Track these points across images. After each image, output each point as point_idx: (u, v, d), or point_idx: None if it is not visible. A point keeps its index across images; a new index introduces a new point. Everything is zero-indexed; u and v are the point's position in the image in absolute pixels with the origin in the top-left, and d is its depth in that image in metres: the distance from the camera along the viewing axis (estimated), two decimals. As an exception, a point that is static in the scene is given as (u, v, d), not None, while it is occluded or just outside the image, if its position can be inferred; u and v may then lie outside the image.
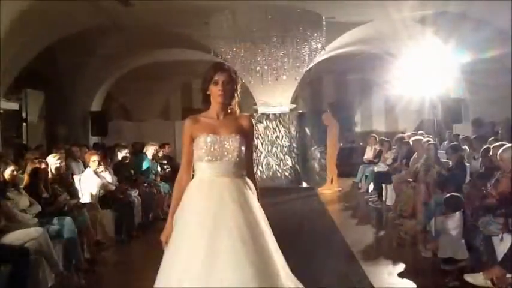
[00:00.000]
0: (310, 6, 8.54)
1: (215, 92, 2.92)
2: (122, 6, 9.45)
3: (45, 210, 5.26)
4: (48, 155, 8.09)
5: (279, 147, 12.59)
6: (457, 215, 5.03)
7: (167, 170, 10.52)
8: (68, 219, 5.22)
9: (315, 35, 8.10)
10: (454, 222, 4.97)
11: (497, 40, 10.70)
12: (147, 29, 11.27)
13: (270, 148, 12.55)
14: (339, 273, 5.27)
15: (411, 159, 8.55)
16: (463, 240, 4.96)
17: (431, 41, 11.66)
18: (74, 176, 7.43)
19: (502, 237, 4.70)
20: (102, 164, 7.52)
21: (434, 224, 5.98)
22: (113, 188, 7.42)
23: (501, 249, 4.71)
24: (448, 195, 5.33)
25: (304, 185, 12.53)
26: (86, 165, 7.68)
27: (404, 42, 11.95)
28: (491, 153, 5.78)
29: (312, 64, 9.44)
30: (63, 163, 6.29)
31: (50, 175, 5.96)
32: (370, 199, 10.10)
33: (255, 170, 3.24)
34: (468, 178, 6.84)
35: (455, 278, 4.88)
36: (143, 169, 9.23)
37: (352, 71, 17.02)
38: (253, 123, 3.15)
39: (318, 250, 4.62)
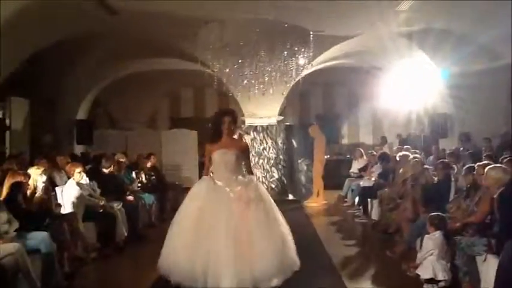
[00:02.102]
0: (298, 20, 8.56)
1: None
2: (108, 15, 9.39)
3: (23, 223, 5.13)
4: (31, 163, 8.03)
5: (265, 159, 12.56)
6: (437, 234, 5.02)
7: (153, 180, 10.45)
8: (45, 234, 5.11)
9: (302, 50, 8.10)
10: (434, 242, 4.96)
11: (482, 55, 10.83)
12: (134, 38, 11.22)
13: (256, 160, 12.51)
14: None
15: (396, 175, 8.56)
16: (443, 261, 4.93)
17: (417, 56, 11.77)
18: (56, 188, 7.32)
19: (485, 258, 4.70)
20: (85, 175, 7.43)
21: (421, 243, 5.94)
22: (96, 201, 7.30)
23: (484, 270, 4.71)
24: (432, 214, 5.32)
25: (291, 197, 12.50)
26: (69, 176, 7.55)
27: (391, 56, 12.04)
28: (475, 172, 5.78)
29: (299, 78, 9.43)
30: (45, 178, 6.15)
31: (32, 188, 5.83)
32: (355, 213, 10.10)
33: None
34: (452, 195, 6.84)
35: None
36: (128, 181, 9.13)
37: (340, 84, 17.12)
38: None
39: (301, 264, 4.59)
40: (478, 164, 5.84)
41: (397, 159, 8.83)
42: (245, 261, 4.15)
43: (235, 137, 5.05)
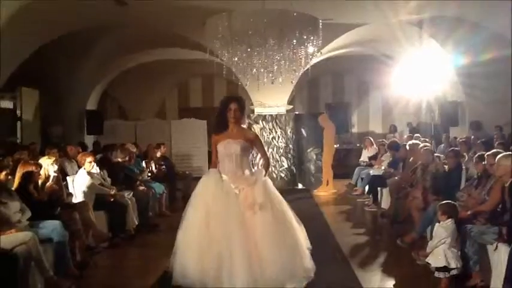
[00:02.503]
0: (308, 8, 8.50)
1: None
2: (118, 5, 9.40)
3: (35, 212, 5.18)
4: (42, 153, 8.11)
5: (275, 148, 12.55)
6: (449, 222, 4.99)
7: (163, 169, 10.50)
8: (58, 223, 5.16)
9: (312, 38, 8.04)
10: (446, 230, 4.93)
11: (493, 43, 10.72)
12: (143, 29, 11.23)
13: (266, 149, 12.47)
14: (332, 278, 5.23)
15: (406, 164, 8.52)
16: (455, 249, 4.91)
17: (428, 44, 11.66)
18: (67, 177, 7.38)
19: (496, 247, 4.67)
20: (96, 165, 7.48)
21: (432, 232, 5.92)
22: (107, 190, 7.35)
23: (495, 259, 4.69)
24: (442, 202, 5.29)
25: (300, 186, 12.49)
26: (79, 165, 7.61)
27: (402, 45, 11.93)
28: (485, 161, 5.73)
29: (308, 66, 9.38)
30: (57, 167, 6.21)
31: (43, 177, 5.90)
32: (365, 202, 10.08)
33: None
34: (463, 183, 6.80)
35: (448, 286, 4.87)
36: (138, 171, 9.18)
37: (350, 73, 17.04)
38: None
39: (310, 253, 4.61)
40: (489, 152, 5.78)
41: (407, 147, 8.76)
42: (255, 268, 3.92)
43: (244, 126, 4.60)
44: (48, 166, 5.97)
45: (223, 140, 4.40)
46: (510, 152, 5.34)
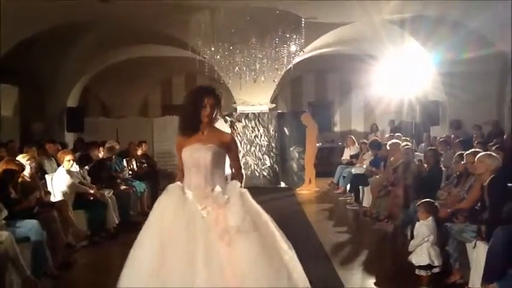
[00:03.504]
0: (291, 7, 8.50)
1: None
2: (100, 2, 9.28)
3: (12, 211, 5.09)
4: (20, 151, 7.97)
5: (257, 147, 12.53)
6: (430, 220, 5.04)
7: (144, 167, 10.41)
8: (35, 222, 5.07)
9: (294, 37, 8.05)
10: (428, 228, 4.97)
11: (474, 43, 10.85)
12: (125, 26, 11.10)
13: (248, 147, 12.48)
14: (313, 276, 5.22)
15: (388, 163, 8.58)
16: (437, 247, 4.96)
17: (409, 44, 11.75)
18: (46, 175, 7.28)
19: (475, 244, 4.73)
20: (76, 163, 7.39)
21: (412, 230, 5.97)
22: (87, 188, 7.26)
23: (474, 256, 4.74)
24: (422, 200, 5.33)
25: (283, 185, 12.50)
26: (59, 163, 7.51)
27: (384, 44, 12.01)
28: (465, 160, 5.79)
29: (290, 65, 9.38)
30: (34, 164, 6.11)
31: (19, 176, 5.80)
32: (347, 201, 10.14)
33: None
34: (443, 182, 6.87)
35: (429, 283, 4.91)
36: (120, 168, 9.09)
37: (332, 72, 17.10)
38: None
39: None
40: (468, 151, 5.85)
41: (387, 147, 8.82)
42: None
43: (220, 127, 3.55)
44: (25, 165, 5.87)
45: (189, 145, 3.35)
46: (489, 152, 5.41)
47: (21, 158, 5.98)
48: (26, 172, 5.89)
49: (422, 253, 4.94)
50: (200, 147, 3.31)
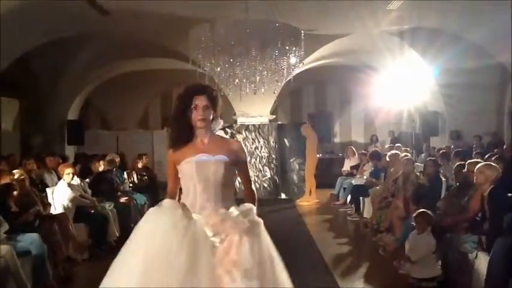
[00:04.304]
0: (290, 19, 8.57)
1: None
2: (100, 15, 9.36)
3: (12, 224, 5.09)
4: (20, 164, 7.98)
5: (257, 158, 12.54)
6: (428, 231, 5.04)
7: (145, 180, 10.42)
8: (36, 236, 5.08)
9: (294, 49, 8.10)
10: (424, 239, 4.97)
11: (473, 54, 10.91)
12: (126, 38, 11.18)
13: (249, 159, 12.42)
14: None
15: (388, 173, 8.57)
16: (437, 258, 4.96)
17: (408, 55, 11.82)
18: (47, 189, 7.28)
19: (476, 255, 4.72)
20: (76, 176, 7.40)
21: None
22: (87, 201, 7.26)
23: (475, 267, 4.73)
24: (420, 211, 5.34)
25: (283, 196, 12.49)
26: (59, 177, 7.52)
27: (383, 55, 12.08)
28: (466, 169, 5.80)
29: (290, 77, 9.43)
30: (27, 179, 6.12)
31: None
32: (347, 212, 10.12)
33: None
34: (444, 193, 6.87)
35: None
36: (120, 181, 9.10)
37: (332, 83, 17.17)
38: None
39: (293, 263, 4.56)
40: (468, 161, 5.86)
41: (387, 158, 8.82)
42: None
43: (220, 134, 3.07)
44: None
45: (189, 156, 2.78)
46: (489, 162, 5.42)
47: (16, 173, 5.99)
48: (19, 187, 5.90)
49: (425, 264, 4.94)
50: (208, 159, 2.75)
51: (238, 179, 3.13)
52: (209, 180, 2.73)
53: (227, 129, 12.29)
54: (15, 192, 5.54)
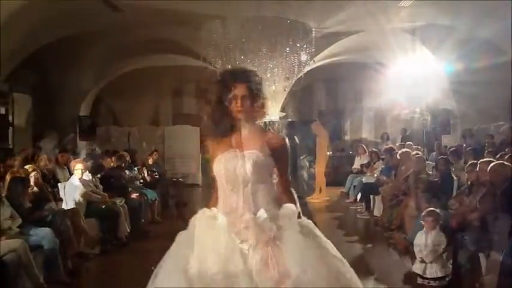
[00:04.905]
0: (301, 16, 8.55)
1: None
2: (112, 11, 9.39)
3: (26, 219, 5.15)
4: (33, 159, 8.06)
5: (267, 156, 12.53)
6: (436, 230, 5.01)
7: (155, 176, 10.48)
8: (48, 230, 5.12)
9: (305, 46, 8.10)
10: (433, 238, 4.94)
11: (485, 52, 10.79)
12: (137, 35, 11.21)
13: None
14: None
15: (399, 171, 8.53)
16: (448, 257, 4.93)
17: (420, 52, 11.73)
18: (59, 184, 7.35)
19: (488, 254, 4.69)
20: (88, 171, 7.46)
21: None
22: (98, 197, 7.32)
23: (487, 266, 4.70)
24: (429, 210, 5.30)
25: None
26: (71, 172, 7.58)
27: (395, 52, 11.99)
28: (478, 168, 5.76)
29: (301, 74, 9.41)
30: (39, 174, 6.18)
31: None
32: (357, 210, 10.09)
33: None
34: (455, 191, 6.82)
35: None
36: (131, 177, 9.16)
37: (343, 80, 17.08)
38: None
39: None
40: (481, 160, 5.81)
41: (398, 156, 8.78)
42: None
43: (263, 125, 2.72)
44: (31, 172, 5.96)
45: (222, 153, 2.46)
46: (502, 161, 5.38)
47: (29, 168, 6.05)
48: (32, 182, 5.95)
49: (433, 264, 4.91)
50: (235, 155, 2.42)
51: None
52: (236, 178, 2.41)
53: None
54: (29, 189, 5.60)
